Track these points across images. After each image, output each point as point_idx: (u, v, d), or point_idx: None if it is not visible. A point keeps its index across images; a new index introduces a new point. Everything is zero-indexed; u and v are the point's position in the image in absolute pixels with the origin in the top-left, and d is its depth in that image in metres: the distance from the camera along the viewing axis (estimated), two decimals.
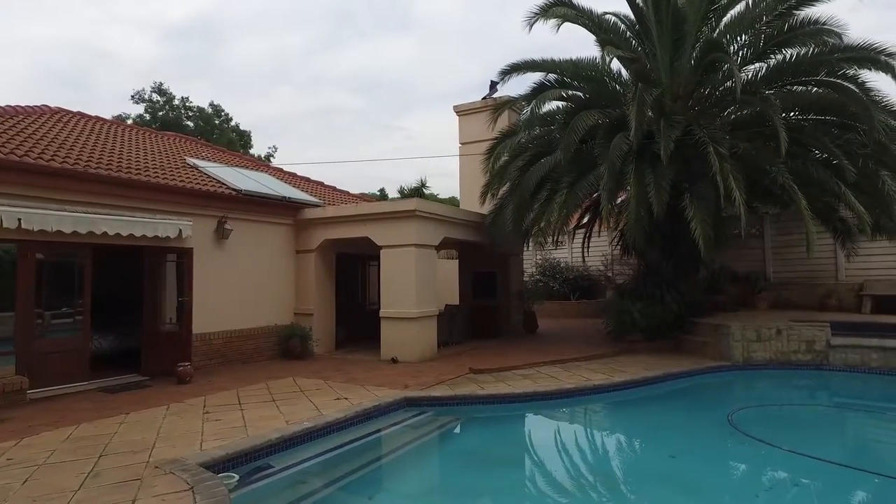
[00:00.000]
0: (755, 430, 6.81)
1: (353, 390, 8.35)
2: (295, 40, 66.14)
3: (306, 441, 6.25)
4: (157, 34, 53.92)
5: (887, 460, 6.48)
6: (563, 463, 6.61)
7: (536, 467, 6.52)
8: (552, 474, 6.17)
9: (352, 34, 69.93)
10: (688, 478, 5.67)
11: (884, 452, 6.84)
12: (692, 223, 9.19)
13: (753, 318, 11.47)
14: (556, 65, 11.90)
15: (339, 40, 69.82)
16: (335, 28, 70.21)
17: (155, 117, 30.98)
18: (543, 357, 10.84)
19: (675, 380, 9.48)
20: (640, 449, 7.05)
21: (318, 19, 66.84)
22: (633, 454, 6.94)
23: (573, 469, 6.43)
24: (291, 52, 66.45)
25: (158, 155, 11.39)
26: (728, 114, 11.77)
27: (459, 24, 70.04)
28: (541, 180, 11.09)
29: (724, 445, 6.62)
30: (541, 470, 6.41)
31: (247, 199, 11.02)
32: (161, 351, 9.41)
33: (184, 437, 6.04)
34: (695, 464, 6.07)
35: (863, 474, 5.58)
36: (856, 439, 7.51)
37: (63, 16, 51.82)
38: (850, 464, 6.01)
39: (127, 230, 8.84)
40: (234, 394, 8.24)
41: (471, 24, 68.87)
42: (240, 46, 59.88)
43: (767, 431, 6.89)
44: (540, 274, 19.04)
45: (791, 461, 5.98)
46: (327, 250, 12.24)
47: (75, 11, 51.94)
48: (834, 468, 5.77)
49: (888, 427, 7.83)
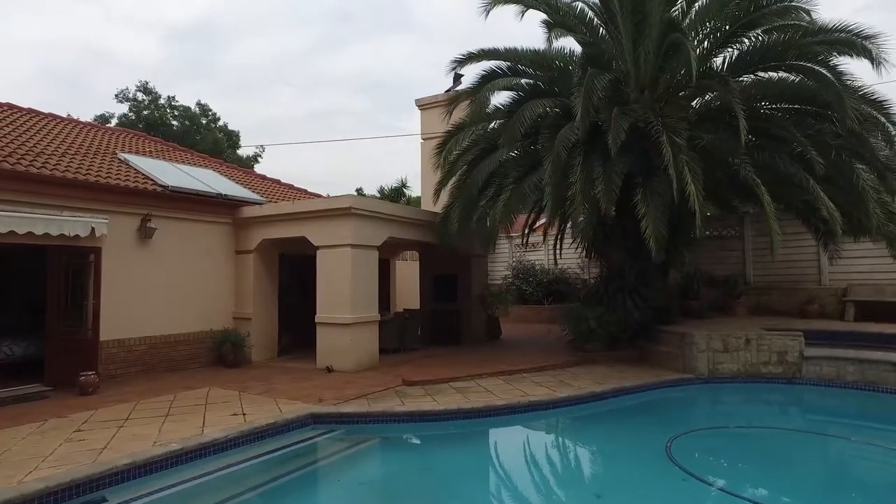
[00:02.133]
0: (693, 460, 5.93)
1: (260, 404, 7.58)
2: (293, 41, 65.83)
3: (167, 467, 5.47)
4: (158, 36, 53.84)
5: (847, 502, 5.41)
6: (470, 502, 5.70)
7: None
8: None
9: (350, 35, 69.53)
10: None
11: (845, 492, 5.65)
12: (643, 220, 8.32)
13: (724, 326, 10.55)
14: (515, 54, 11.07)
15: (337, 41, 69.43)
16: (333, 29, 69.86)
17: (139, 116, 30.51)
18: (491, 367, 10.00)
19: (629, 395, 8.59)
20: (563, 484, 6.08)
21: (315, 20, 66.48)
22: (553, 492, 5.94)
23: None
24: (290, 53, 66.13)
25: (87, 150, 10.69)
26: (697, 104, 10.89)
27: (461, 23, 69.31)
28: (489, 177, 10.27)
29: (654, 482, 5.62)
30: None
31: (175, 196, 10.29)
32: (67, 359, 8.69)
33: (18, 463, 5.27)
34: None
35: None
36: (813, 473, 6.33)
37: (65, 16, 51.80)
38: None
39: (24, 228, 8.11)
40: (130, 407, 7.50)
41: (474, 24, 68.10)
42: (239, 48, 59.69)
43: (706, 463, 6.02)
44: (514, 277, 18.17)
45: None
46: (268, 251, 11.49)
47: (76, 12, 51.89)
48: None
49: (856, 456, 6.81)
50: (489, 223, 9.73)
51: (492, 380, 9.28)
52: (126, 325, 9.46)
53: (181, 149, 15.30)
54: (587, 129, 8.60)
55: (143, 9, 53.00)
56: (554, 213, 9.27)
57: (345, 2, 64.82)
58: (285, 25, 65.92)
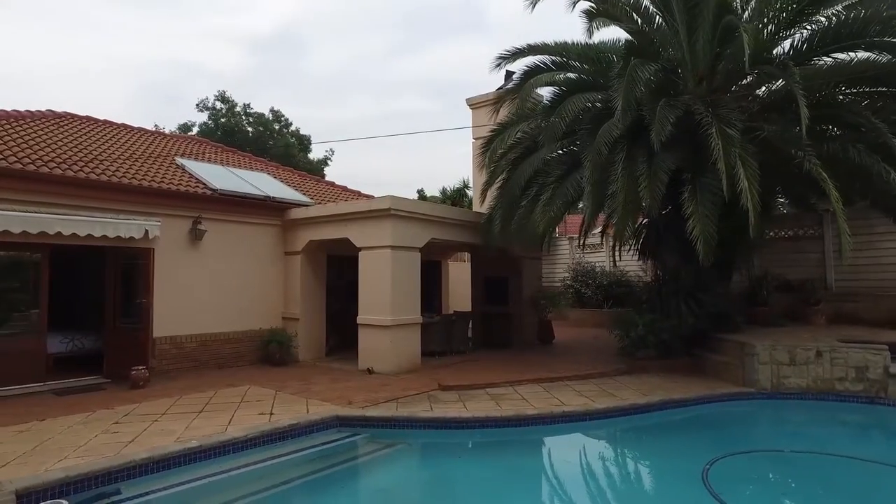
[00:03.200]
0: (732, 488, 5.29)
1: (290, 404, 7.67)
2: (368, 46, 67.40)
3: (184, 463, 5.60)
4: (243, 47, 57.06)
5: None
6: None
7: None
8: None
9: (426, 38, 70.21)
10: None
11: None
12: (690, 220, 7.66)
13: (792, 336, 9.55)
14: (564, 48, 10.58)
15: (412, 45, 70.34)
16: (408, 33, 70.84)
17: (217, 124, 32.28)
18: (533, 373, 9.61)
19: (677, 408, 7.95)
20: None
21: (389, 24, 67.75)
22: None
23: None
24: (365, 58, 67.76)
25: (147, 156, 11.33)
26: (764, 93, 9.96)
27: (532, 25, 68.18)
28: (532, 176, 9.88)
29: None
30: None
31: (225, 199, 10.69)
32: (122, 353, 9.22)
33: (54, 451, 5.59)
34: None
35: None
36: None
37: (162, 37, 56.00)
38: None
39: (84, 230, 8.69)
40: (170, 402, 7.82)
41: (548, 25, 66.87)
42: (316, 55, 61.93)
43: (747, 493, 5.35)
44: (572, 279, 17.51)
45: None
46: (315, 252, 11.68)
47: (171, 32, 55.92)
48: None
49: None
50: (530, 224, 9.35)
51: (531, 387, 8.91)
52: (177, 323, 9.91)
53: (241, 153, 15.97)
54: (630, 123, 8.04)
55: (229, 23, 56.29)
56: (593, 214, 8.75)
57: (420, 5, 65.53)
58: (360, 30, 67.72)
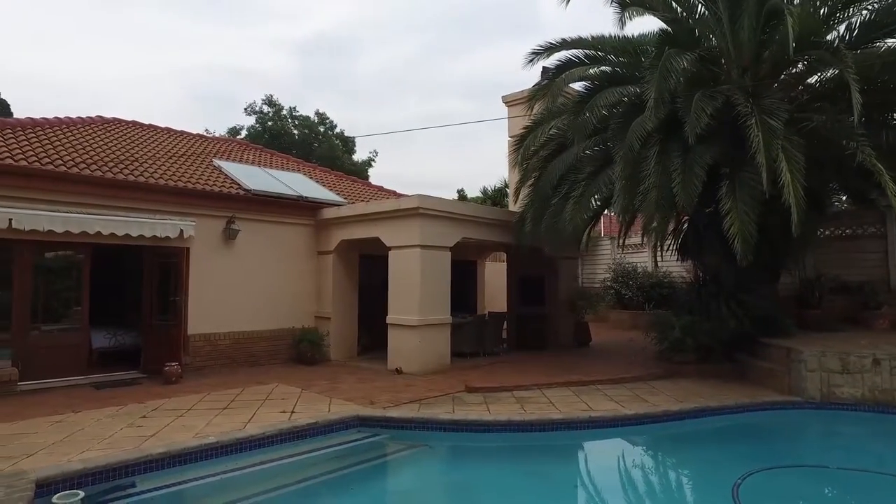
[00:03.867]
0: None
1: (313, 403, 7.69)
2: (413, 47, 67.84)
3: (200, 459, 5.66)
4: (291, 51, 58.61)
5: None
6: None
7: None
8: None
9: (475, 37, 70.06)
10: None
11: None
12: (728, 217, 7.20)
13: (846, 342, 8.88)
14: (601, 41, 10.20)
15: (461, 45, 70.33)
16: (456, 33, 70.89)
17: (265, 127, 33.14)
18: (564, 376, 9.32)
19: (713, 416, 7.48)
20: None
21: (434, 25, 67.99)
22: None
23: None
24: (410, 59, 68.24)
25: (186, 158, 11.67)
26: (815, 82, 9.32)
27: None
28: (563, 174, 9.57)
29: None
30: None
31: (258, 199, 10.87)
32: (158, 349, 9.50)
33: (80, 443, 5.77)
34: None
35: None
36: None
37: (214, 44, 58.19)
38: None
39: (122, 230, 9.02)
40: (198, 398, 7.97)
41: None
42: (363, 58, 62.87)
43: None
44: (612, 280, 16.96)
45: None
46: (347, 251, 11.73)
47: (222, 40, 58.02)
48: None
49: None
50: (560, 223, 9.05)
51: (560, 390, 8.63)
52: (211, 321, 10.13)
53: (279, 154, 16.30)
54: (665, 116, 7.65)
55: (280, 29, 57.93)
56: (625, 212, 8.36)
57: (471, 5, 65.41)
58: (406, 31, 68.25)
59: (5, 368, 8.14)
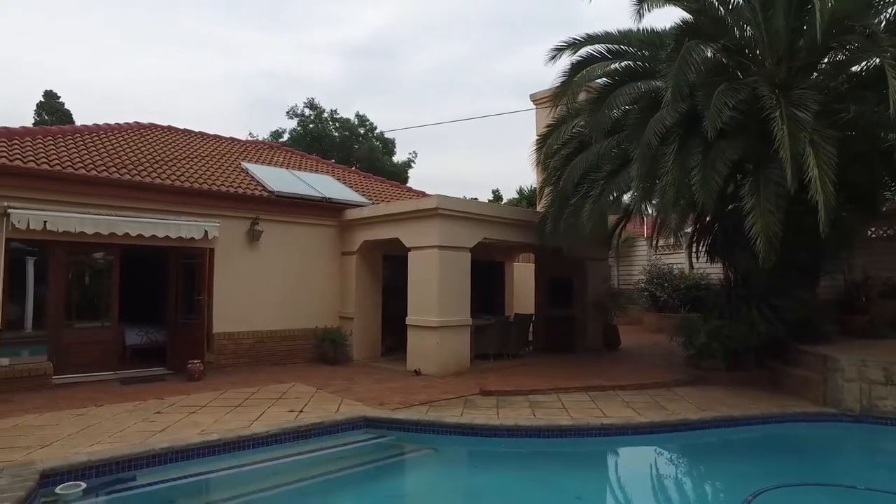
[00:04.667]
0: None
1: (324, 402, 7.73)
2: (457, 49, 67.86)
3: (202, 455, 5.75)
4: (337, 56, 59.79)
5: None
6: None
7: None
8: None
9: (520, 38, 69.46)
10: None
11: None
12: (750, 215, 6.78)
13: (891, 351, 8.25)
14: (628, 36, 9.83)
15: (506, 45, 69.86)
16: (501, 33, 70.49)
17: (306, 130, 33.89)
18: (584, 381, 9.06)
19: (737, 427, 7.07)
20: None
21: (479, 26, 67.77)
22: None
23: None
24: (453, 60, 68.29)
25: (213, 161, 12.00)
26: (859, 70, 8.71)
27: None
28: (584, 173, 9.28)
29: None
30: None
31: (282, 200, 11.06)
32: (183, 347, 9.79)
33: (94, 436, 5.99)
34: None
35: None
36: None
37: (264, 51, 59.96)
38: None
39: (149, 231, 9.35)
40: (214, 395, 8.15)
41: None
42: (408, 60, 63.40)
43: None
44: (647, 282, 16.40)
45: None
46: (370, 252, 11.79)
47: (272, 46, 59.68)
48: None
49: None
50: (578, 223, 8.78)
51: (577, 395, 8.38)
52: (234, 320, 10.37)
53: (308, 156, 16.59)
54: (685, 111, 7.31)
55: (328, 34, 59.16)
56: (641, 211, 8.03)
57: (520, 4, 64.95)
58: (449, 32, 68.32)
59: (41, 363, 8.59)
